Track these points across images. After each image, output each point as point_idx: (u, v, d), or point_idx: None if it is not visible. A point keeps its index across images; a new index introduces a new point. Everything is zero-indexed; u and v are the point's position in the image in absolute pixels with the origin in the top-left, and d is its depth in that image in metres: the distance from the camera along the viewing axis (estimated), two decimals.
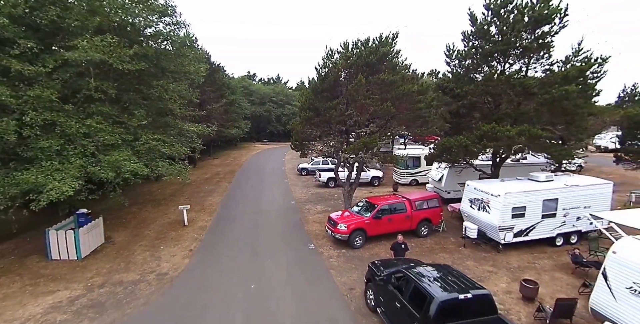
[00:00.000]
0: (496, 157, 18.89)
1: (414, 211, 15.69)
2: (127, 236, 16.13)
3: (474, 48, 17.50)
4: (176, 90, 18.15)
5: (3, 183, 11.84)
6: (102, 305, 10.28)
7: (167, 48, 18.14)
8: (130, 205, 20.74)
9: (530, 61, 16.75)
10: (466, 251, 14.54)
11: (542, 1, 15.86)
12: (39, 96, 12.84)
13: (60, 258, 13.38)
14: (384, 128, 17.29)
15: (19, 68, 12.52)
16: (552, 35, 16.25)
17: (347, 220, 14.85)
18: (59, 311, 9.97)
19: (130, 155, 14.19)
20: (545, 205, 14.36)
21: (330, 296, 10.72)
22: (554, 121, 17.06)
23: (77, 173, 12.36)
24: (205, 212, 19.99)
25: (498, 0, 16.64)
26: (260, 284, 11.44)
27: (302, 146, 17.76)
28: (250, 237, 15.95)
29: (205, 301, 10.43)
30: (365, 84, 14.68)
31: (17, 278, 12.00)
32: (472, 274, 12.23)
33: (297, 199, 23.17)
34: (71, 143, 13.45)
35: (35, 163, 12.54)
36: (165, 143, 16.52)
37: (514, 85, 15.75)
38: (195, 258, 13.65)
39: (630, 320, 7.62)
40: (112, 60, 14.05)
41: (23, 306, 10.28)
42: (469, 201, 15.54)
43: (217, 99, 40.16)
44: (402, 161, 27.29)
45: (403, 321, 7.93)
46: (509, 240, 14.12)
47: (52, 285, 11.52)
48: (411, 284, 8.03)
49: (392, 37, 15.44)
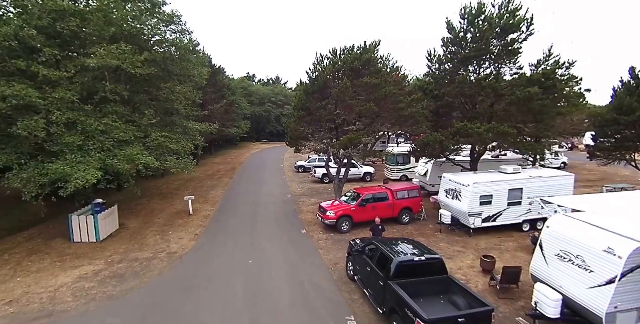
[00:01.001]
0: (474, 153, 20.70)
1: (396, 200, 17.49)
2: (139, 223, 17.94)
3: (451, 53, 19.33)
4: (182, 91, 19.98)
5: (34, 173, 13.65)
6: (122, 276, 12.10)
7: (173, 53, 19.95)
8: (139, 197, 22.59)
9: (500, 65, 18.58)
10: (441, 235, 16.33)
11: (509, 12, 17.69)
12: (62, 97, 14.63)
13: (81, 240, 15.21)
14: (370, 126, 19.07)
15: (45, 73, 14.31)
16: (520, 42, 18.10)
17: (335, 208, 16.67)
18: (85, 281, 11.78)
19: (142, 150, 15.99)
20: (510, 193, 16.16)
21: (317, 269, 12.53)
22: (524, 120, 18.89)
23: (97, 165, 14.16)
24: (208, 203, 21.81)
25: (472, 11, 18.46)
26: (257, 260, 13.25)
27: (296, 142, 19.56)
28: (250, 224, 17.76)
29: (210, 273, 12.24)
30: (350, 87, 16.48)
31: (46, 256, 13.83)
32: (443, 253, 13.97)
33: (293, 193, 24.97)
34: (90, 139, 15.24)
35: (61, 157, 14.33)
36: (172, 140, 18.32)
37: (484, 88, 17.55)
38: (200, 240, 15.48)
39: (555, 279, 9.40)
40: (126, 66, 15.85)
41: (55, 276, 12.10)
42: (445, 191, 17.35)
43: (218, 100, 41.97)
44: (390, 157, 29.20)
45: (372, 282, 9.73)
46: (478, 224, 15.91)
47: (77, 261, 13.34)
48: (378, 251, 9.83)
49: (374, 44, 17.24)
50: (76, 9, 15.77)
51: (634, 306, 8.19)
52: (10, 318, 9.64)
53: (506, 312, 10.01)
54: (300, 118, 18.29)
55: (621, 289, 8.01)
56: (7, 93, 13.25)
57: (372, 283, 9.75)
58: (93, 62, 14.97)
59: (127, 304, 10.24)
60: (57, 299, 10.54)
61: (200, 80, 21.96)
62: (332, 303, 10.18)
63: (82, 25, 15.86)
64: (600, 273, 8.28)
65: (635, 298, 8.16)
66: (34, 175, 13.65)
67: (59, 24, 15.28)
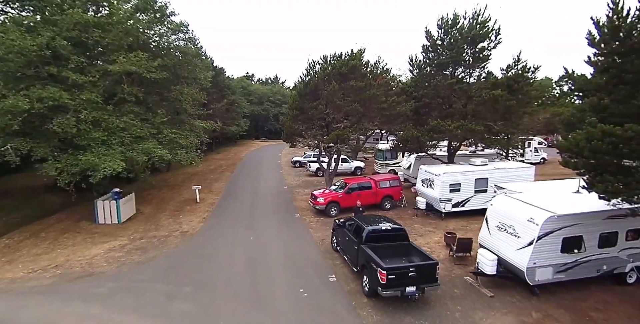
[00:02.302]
0: (450, 148, 23.12)
1: (379, 189, 19.91)
2: (152, 210, 20.32)
3: (429, 59, 21.73)
4: (189, 93, 22.31)
5: (66, 164, 15.98)
6: (144, 248, 14.49)
7: (181, 58, 22.26)
8: (149, 188, 24.98)
9: (472, 70, 20.98)
10: (417, 219, 18.74)
11: (479, 23, 20.07)
12: (88, 99, 16.95)
13: (105, 222, 17.59)
14: (356, 124, 21.48)
15: (74, 78, 16.63)
16: (490, 50, 20.51)
17: (325, 195, 19.09)
18: (114, 252, 14.17)
19: (156, 145, 18.34)
20: (477, 182, 18.59)
21: (307, 244, 14.96)
22: (493, 118, 21.29)
23: (119, 157, 16.50)
24: (212, 193, 24.20)
25: (448, 21, 20.83)
26: (257, 238, 15.65)
27: (291, 138, 21.95)
28: (250, 210, 20.17)
29: (218, 246, 14.65)
30: (338, 89, 18.87)
31: (78, 234, 16.21)
32: (416, 232, 16.46)
33: (289, 184, 27.37)
34: (112, 135, 17.57)
35: (88, 150, 16.66)
36: (181, 136, 20.66)
37: (457, 90, 19.96)
38: (208, 222, 17.89)
39: (495, 245, 11.82)
40: (142, 71, 18.17)
41: (88, 249, 14.49)
42: (421, 181, 19.76)
43: (219, 99, 44.29)
44: (379, 153, 31.59)
45: (349, 249, 12.14)
46: (449, 209, 18.33)
47: (105, 238, 15.72)
48: (355, 224, 12.24)
49: (360, 52, 19.63)
50: (98, 21, 18.08)
51: (549, 263, 10.63)
52: (59, 276, 12.03)
53: (459, 273, 12.41)
54: (295, 117, 20.69)
55: (538, 249, 10.44)
56: (44, 95, 15.56)
57: (349, 249, 12.16)
58: (115, 68, 17.28)
59: (151, 268, 12.64)
60: (94, 265, 12.93)
61: (205, 82, 24.28)
62: (317, 267, 12.60)
63: (104, 36, 18.16)
64: (524, 238, 10.73)
65: (549, 257, 10.59)
66: (67, 165, 15.99)
67: (83, 35, 17.60)
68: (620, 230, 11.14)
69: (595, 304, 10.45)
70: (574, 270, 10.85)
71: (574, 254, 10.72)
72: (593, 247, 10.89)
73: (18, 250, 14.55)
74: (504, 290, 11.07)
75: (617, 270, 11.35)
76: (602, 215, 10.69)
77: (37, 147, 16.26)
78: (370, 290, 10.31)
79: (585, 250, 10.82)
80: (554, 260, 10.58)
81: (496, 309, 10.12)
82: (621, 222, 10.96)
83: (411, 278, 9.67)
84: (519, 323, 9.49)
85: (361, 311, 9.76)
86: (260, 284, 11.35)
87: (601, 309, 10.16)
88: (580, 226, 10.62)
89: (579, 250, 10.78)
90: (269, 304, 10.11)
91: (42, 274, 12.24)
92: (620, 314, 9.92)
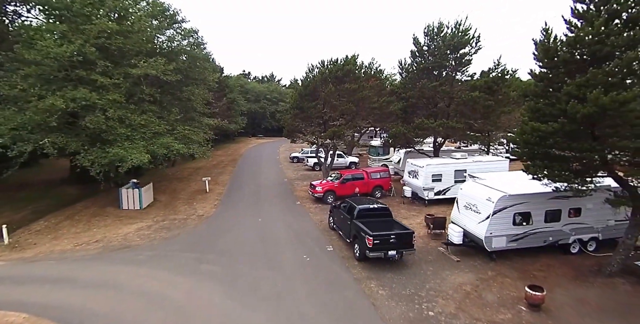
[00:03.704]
0: (435, 144, 25.72)
1: (370, 179, 22.46)
2: (168, 198, 22.68)
3: (416, 63, 24.28)
4: (200, 94, 24.63)
5: (97, 156, 18.26)
6: (168, 228, 16.90)
7: (191, 62, 24.55)
8: (160, 180, 27.28)
9: (454, 74, 23.56)
10: (404, 205, 21.32)
11: (461, 32, 22.62)
12: (114, 99, 19.21)
13: (128, 208, 19.93)
14: (351, 121, 23.98)
15: (102, 80, 18.89)
16: (471, 55, 23.08)
17: (323, 185, 21.60)
18: (143, 230, 16.56)
19: (173, 140, 20.67)
20: (456, 173, 21.18)
21: (307, 224, 17.46)
22: (474, 117, 23.90)
23: (143, 150, 18.82)
24: (219, 185, 26.58)
25: (434, 29, 23.36)
26: (264, 219, 18.12)
27: (292, 135, 24.40)
28: (255, 198, 22.61)
29: (231, 226, 17.11)
30: (335, 91, 21.33)
31: (107, 217, 18.57)
32: (401, 215, 19.00)
33: (289, 177, 29.82)
34: (135, 131, 19.86)
35: (114, 144, 18.93)
36: (193, 132, 23.00)
37: (439, 92, 22.53)
38: (219, 208, 20.32)
39: (462, 221, 14.40)
40: (159, 74, 20.45)
41: (120, 228, 16.86)
42: (408, 173, 22.33)
43: (220, 98, 46.48)
44: (372, 149, 34.14)
45: (343, 225, 14.65)
46: (431, 197, 20.92)
47: (131, 220, 18.10)
48: (349, 204, 14.76)
49: (354, 57, 22.10)
50: (120, 29, 20.32)
51: (503, 233, 13.22)
52: (102, 248, 14.42)
53: (434, 245, 14.98)
54: (295, 115, 23.13)
55: (494, 222, 13.04)
56: (78, 96, 17.81)
57: (344, 225, 14.69)
58: (137, 71, 19.56)
59: (177, 242, 15.07)
60: (129, 240, 15.33)
61: (212, 83, 26.60)
62: (317, 240, 15.12)
63: (125, 42, 20.40)
64: (483, 213, 13.33)
65: (503, 229, 13.18)
66: (97, 157, 18.27)
67: (107, 41, 19.82)
68: (563, 208, 13.76)
69: (540, 267, 13.08)
70: (524, 240, 13.47)
71: (523, 226, 13.35)
72: (540, 222, 13.52)
73: (59, 229, 16.88)
74: (468, 257, 13.67)
75: (562, 241, 13.98)
76: (547, 196, 13.27)
77: (71, 141, 18.54)
78: (360, 255, 12.85)
79: (533, 224, 13.44)
80: (507, 231, 13.19)
81: (460, 269, 12.71)
82: (564, 202, 13.55)
83: (392, 243, 12.22)
84: (477, 278, 12.07)
85: (353, 270, 12.30)
86: (271, 252, 13.84)
87: (544, 270, 12.79)
88: (529, 204, 13.24)
89: (527, 223, 13.40)
90: (278, 266, 12.61)
91: (86, 247, 14.62)
92: (557, 274, 12.55)
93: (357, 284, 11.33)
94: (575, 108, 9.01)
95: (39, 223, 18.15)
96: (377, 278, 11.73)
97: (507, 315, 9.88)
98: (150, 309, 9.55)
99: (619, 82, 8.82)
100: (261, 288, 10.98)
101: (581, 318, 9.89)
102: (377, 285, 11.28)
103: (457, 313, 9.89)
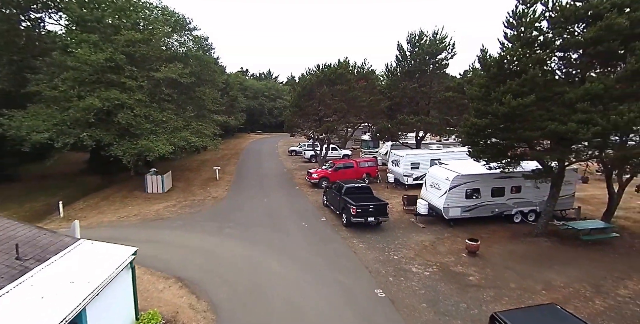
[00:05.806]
0: (417, 138, 29.40)
1: (359, 168, 26.10)
2: (184, 185, 26.22)
3: (400, 67, 27.87)
4: (210, 93, 28.09)
5: (127, 147, 21.69)
6: (190, 206, 20.48)
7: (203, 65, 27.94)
8: (174, 171, 30.66)
9: (432, 76, 27.17)
10: (388, 190, 24.99)
11: (438, 40, 26.18)
12: (140, 99, 22.62)
13: (152, 192, 23.44)
14: (343, 118, 27.58)
15: (130, 83, 22.27)
16: (447, 60, 26.70)
17: (318, 172, 25.24)
18: (170, 208, 20.12)
19: (189, 134, 24.16)
20: (432, 162, 24.79)
21: (305, 202, 21.12)
22: (451, 114, 27.56)
23: (167, 142, 22.29)
24: (226, 174, 30.12)
25: (415, 36, 26.91)
26: (269, 200, 21.73)
27: (292, 129, 27.99)
28: (260, 184, 26.22)
29: (242, 204, 20.72)
30: (328, 92, 24.89)
31: (136, 198, 22.09)
32: (384, 197, 22.43)
33: (288, 168, 33.41)
34: (157, 126, 23.30)
35: (141, 137, 22.35)
36: (205, 127, 26.48)
37: (419, 92, 26.16)
38: (230, 192, 23.92)
39: (428, 197, 18.08)
40: (177, 77, 23.86)
41: (150, 206, 20.40)
42: (392, 162, 26.00)
43: (222, 96, 49.74)
44: (364, 143, 37.74)
45: (334, 201, 18.31)
46: (410, 182, 24.61)
47: (157, 201, 21.64)
48: (338, 184, 18.42)
49: (346, 62, 25.65)
50: (142, 38, 23.67)
51: (457, 205, 16.92)
52: (140, 220, 17.99)
53: (406, 217, 18.66)
54: (295, 113, 26.69)
55: (450, 196, 16.73)
56: (112, 96, 21.21)
57: (334, 200, 18.35)
58: (160, 75, 22.96)
59: (200, 215, 18.68)
60: (160, 214, 18.90)
61: (220, 84, 30.04)
62: (313, 213, 18.80)
63: (148, 50, 23.77)
64: (442, 189, 17.02)
65: (457, 201, 16.86)
66: (127, 148, 21.71)
67: (132, 49, 23.17)
68: (506, 186, 17.48)
69: (487, 231, 16.78)
70: (475, 211, 17.20)
71: (473, 200, 17.06)
72: (487, 196, 17.24)
73: (99, 207, 20.41)
74: (432, 224, 17.37)
75: (506, 212, 17.71)
76: (492, 176, 16.95)
77: (104, 135, 21.97)
78: (346, 222, 16.53)
79: (482, 198, 17.16)
80: (461, 203, 16.91)
81: (424, 232, 16.43)
82: (506, 180, 17.27)
83: (371, 212, 15.91)
84: (435, 238, 15.79)
85: (340, 232, 16.00)
86: (277, 222, 17.49)
87: (489, 233, 16.51)
88: (478, 182, 16.96)
89: (477, 197, 17.12)
90: (284, 230, 16.26)
91: (127, 219, 18.18)
92: (499, 236, 16.26)
93: (343, 240, 15.03)
94: (498, 108, 12.67)
95: (78, 204, 21.65)
96: (358, 237, 15.43)
97: (451, 259, 13.60)
98: (194, 254, 13.18)
99: (526, 90, 12.47)
100: (272, 243, 14.64)
101: (505, 261, 13.62)
102: (358, 241, 14.98)
103: (414, 257, 13.61)
